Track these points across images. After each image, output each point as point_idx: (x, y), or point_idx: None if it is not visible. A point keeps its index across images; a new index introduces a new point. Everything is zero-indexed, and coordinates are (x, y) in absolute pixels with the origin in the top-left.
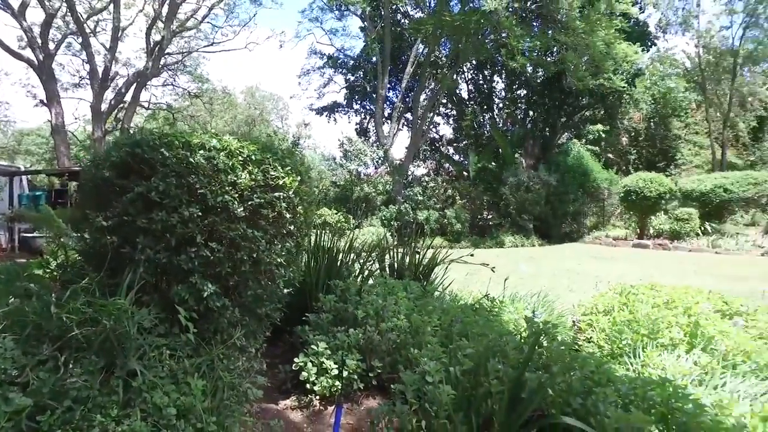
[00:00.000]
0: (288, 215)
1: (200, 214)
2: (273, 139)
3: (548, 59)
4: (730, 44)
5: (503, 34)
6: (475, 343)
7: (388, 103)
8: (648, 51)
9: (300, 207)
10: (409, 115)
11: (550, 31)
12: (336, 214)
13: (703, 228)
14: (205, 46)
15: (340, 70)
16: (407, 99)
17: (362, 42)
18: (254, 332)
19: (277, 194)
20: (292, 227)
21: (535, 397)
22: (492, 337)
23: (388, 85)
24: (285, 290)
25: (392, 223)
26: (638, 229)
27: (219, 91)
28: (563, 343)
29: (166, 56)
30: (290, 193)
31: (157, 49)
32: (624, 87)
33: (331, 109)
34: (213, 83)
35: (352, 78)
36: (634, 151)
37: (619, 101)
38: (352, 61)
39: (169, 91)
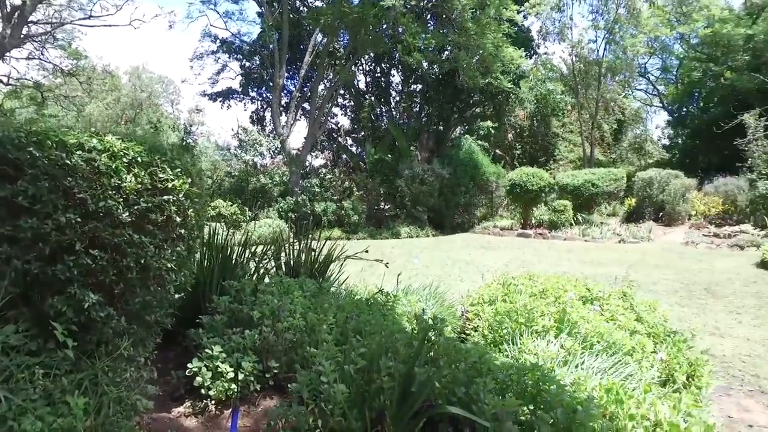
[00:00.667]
0: (178, 219)
1: (79, 220)
2: (162, 125)
3: (443, 57)
4: (596, 55)
5: (400, 30)
6: (369, 340)
7: (285, 92)
8: (531, 56)
9: (191, 210)
10: (307, 105)
11: (444, 30)
12: (231, 206)
13: (576, 218)
14: (80, 19)
15: (236, 55)
16: (305, 89)
17: (259, 28)
18: (143, 340)
19: (166, 197)
20: (182, 231)
21: (423, 389)
22: (385, 333)
23: (286, 74)
24: (177, 295)
25: (289, 214)
26: (522, 220)
27: (99, 70)
28: (449, 339)
29: (30, 25)
30: (180, 196)
31: (16, 15)
32: (510, 87)
33: (226, 95)
34: (92, 60)
35: (249, 64)
36: (519, 147)
37: (506, 100)
38: (248, 47)
39: (36, 66)
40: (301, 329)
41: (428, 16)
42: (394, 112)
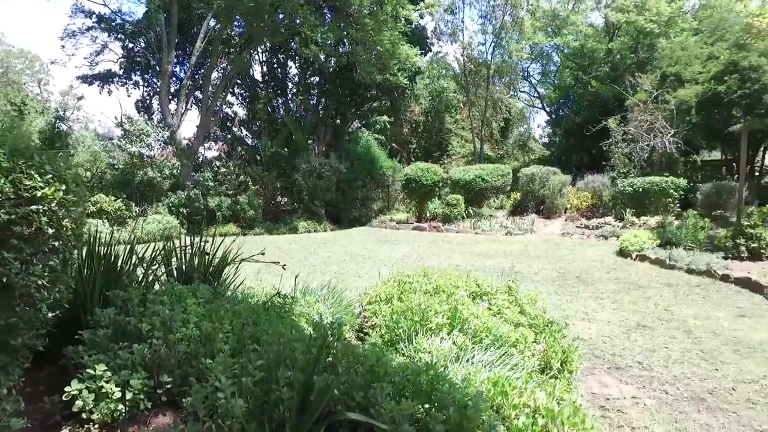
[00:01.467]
0: (50, 230)
1: None
2: (27, 108)
3: (341, 50)
4: (485, 58)
5: (298, 21)
6: (266, 349)
7: (175, 79)
8: (427, 54)
9: (66, 220)
10: (199, 94)
11: (342, 25)
12: (115, 201)
13: (467, 211)
14: None
15: (117, 35)
16: (197, 76)
17: (144, 7)
18: (5, 367)
19: (34, 207)
20: (56, 243)
21: (323, 397)
22: (283, 341)
23: (176, 60)
24: (51, 314)
25: (181, 210)
26: (417, 213)
27: None
28: (347, 345)
29: None
30: (52, 205)
31: None
32: (406, 83)
33: (105, 78)
34: None
35: (132, 46)
36: (415, 141)
37: (402, 96)
38: (131, 27)
39: None
40: (195, 339)
41: (326, 10)
42: (292, 105)
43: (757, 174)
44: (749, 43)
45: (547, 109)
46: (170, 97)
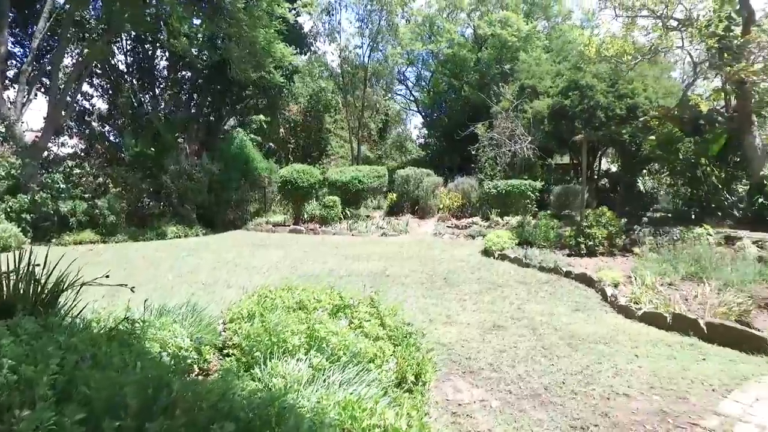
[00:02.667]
0: None
1: None
2: None
3: (214, 44)
4: (362, 60)
5: (167, 10)
6: (96, 394)
7: (14, 62)
8: (306, 53)
9: None
10: (48, 81)
11: (215, 19)
12: None
13: (345, 213)
14: None
15: None
16: (43, 61)
17: None
18: None
19: None
20: None
21: None
22: (115, 383)
23: (12, 39)
24: None
25: (23, 216)
26: (295, 215)
27: None
28: (187, 383)
29: None
30: None
31: None
32: (283, 82)
33: None
34: None
35: None
36: (293, 141)
37: (280, 94)
38: None
39: None
40: (11, 387)
41: (201, 1)
42: (160, 100)
43: (596, 177)
44: (584, 66)
45: (423, 112)
46: (7, 82)
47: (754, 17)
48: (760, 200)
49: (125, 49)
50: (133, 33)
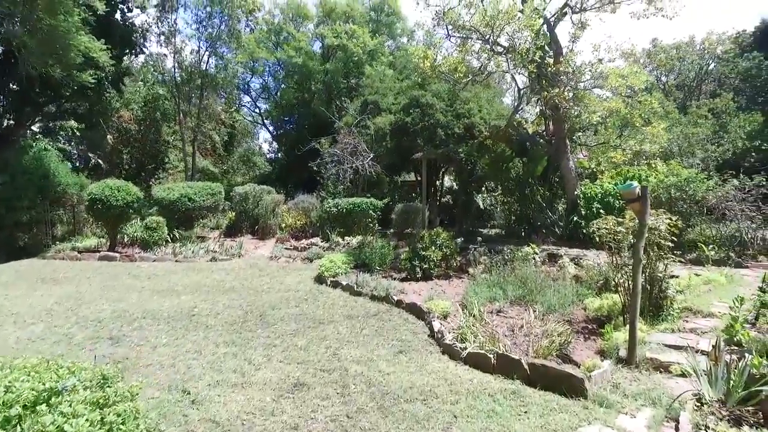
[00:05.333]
0: None
1: None
2: None
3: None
4: (200, 66)
5: None
6: None
7: None
8: (136, 54)
9: None
10: None
11: None
12: None
13: (173, 235)
14: None
15: None
16: None
17: None
18: None
19: None
20: None
21: None
22: None
23: None
24: None
25: None
26: (110, 239)
27: None
28: None
29: None
30: None
31: None
32: (93, 83)
33: None
34: None
35: None
36: (126, 153)
37: (100, 98)
38: None
39: None
40: None
41: None
42: None
43: (438, 194)
44: (426, 84)
45: (272, 125)
46: None
47: (561, 51)
48: (575, 219)
49: None
50: None
